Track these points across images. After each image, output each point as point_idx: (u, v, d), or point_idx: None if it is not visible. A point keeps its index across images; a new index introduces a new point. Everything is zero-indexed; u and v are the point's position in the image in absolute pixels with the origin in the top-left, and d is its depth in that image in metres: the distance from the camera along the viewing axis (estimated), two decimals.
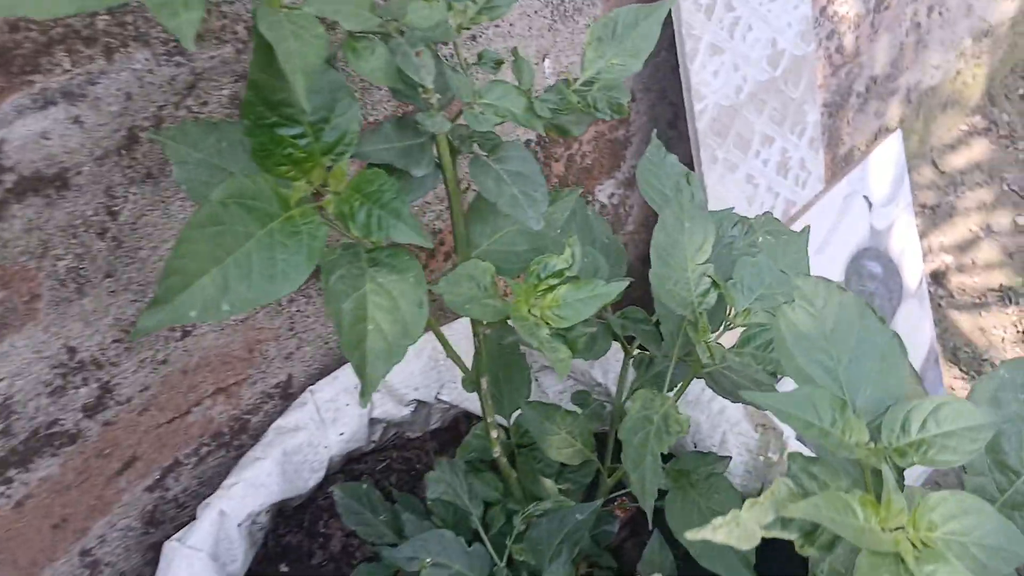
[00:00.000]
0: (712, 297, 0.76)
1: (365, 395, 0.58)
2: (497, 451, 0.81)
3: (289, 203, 0.61)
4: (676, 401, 0.77)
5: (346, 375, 1.02)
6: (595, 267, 0.87)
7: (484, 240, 0.73)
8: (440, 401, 1.05)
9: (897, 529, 0.51)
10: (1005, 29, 2.36)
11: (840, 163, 1.91)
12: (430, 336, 1.04)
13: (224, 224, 0.58)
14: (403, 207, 0.58)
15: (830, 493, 0.49)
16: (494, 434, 0.80)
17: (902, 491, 0.53)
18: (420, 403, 1.05)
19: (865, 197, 1.47)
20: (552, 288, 0.68)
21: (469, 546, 0.77)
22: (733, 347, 0.77)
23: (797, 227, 1.38)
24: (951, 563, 0.49)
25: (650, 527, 0.71)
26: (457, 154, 0.69)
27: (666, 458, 0.83)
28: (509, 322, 0.67)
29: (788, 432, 0.92)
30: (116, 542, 0.96)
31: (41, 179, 0.72)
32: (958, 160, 2.35)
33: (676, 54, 1.18)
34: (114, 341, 0.84)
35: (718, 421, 0.94)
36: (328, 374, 1.03)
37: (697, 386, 0.97)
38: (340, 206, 0.60)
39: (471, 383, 0.78)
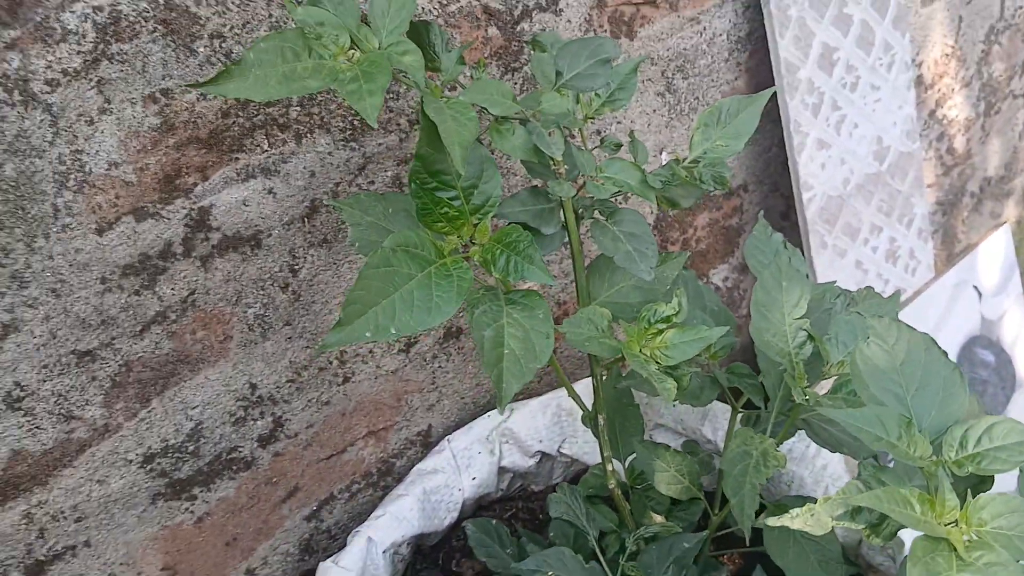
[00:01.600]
0: (808, 349, 0.85)
1: (501, 404, 0.70)
2: (612, 483, 0.91)
3: (443, 253, 0.75)
4: (777, 445, 0.86)
5: (480, 426, 1.14)
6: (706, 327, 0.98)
7: (602, 293, 0.85)
8: (562, 454, 1.16)
9: (950, 524, 0.59)
10: None
11: (954, 260, 1.96)
12: (555, 394, 1.16)
13: (393, 267, 0.72)
14: (536, 254, 0.71)
15: (891, 488, 0.58)
16: (610, 467, 0.90)
17: (959, 496, 0.61)
18: (544, 455, 1.16)
19: (975, 287, 1.52)
20: (660, 332, 0.79)
21: (586, 563, 0.87)
22: (826, 394, 0.86)
23: (907, 313, 1.45)
24: (997, 551, 0.57)
25: (747, 543, 0.80)
26: (580, 219, 0.82)
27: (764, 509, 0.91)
28: (622, 371, 0.79)
29: None
30: (276, 565, 1.09)
31: (240, 239, 0.89)
32: None
33: (786, 149, 1.29)
34: (288, 381, 0.99)
35: (821, 476, 1.02)
36: (463, 427, 1.16)
37: (801, 444, 1.05)
38: (484, 254, 0.74)
39: (590, 419, 0.89)
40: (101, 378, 0.86)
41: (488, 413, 1.17)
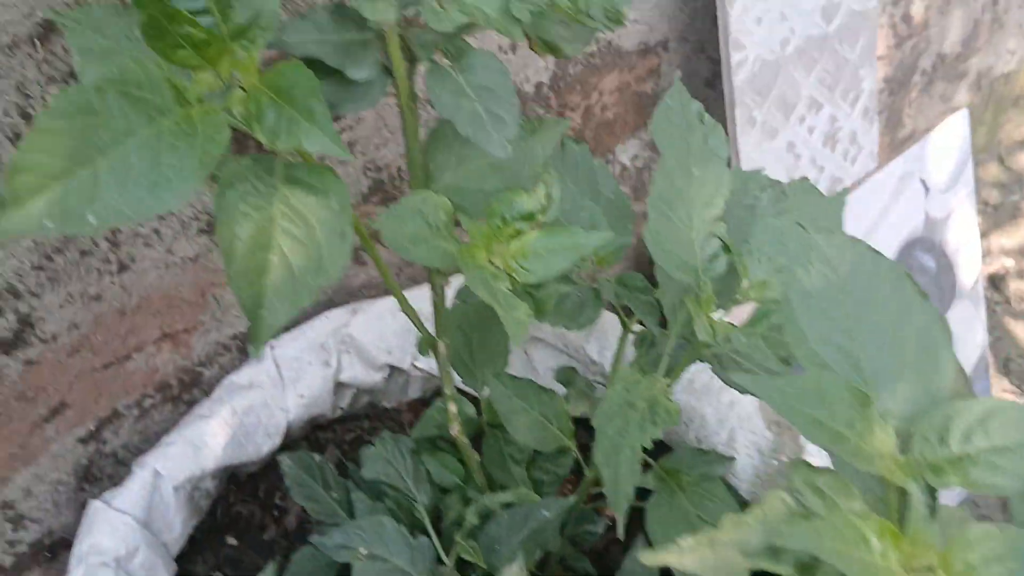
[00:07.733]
0: (721, 263, 0.63)
1: (255, 343, 0.46)
2: (455, 429, 0.68)
3: (187, 98, 0.49)
4: (670, 385, 0.64)
5: (314, 330, 0.91)
6: (592, 224, 0.74)
7: (446, 174, 0.60)
8: (417, 368, 0.93)
9: (923, 570, 0.38)
10: None
11: (898, 147, 1.75)
12: (410, 293, 0.92)
13: (98, 115, 0.46)
14: (318, 107, 0.46)
15: (838, 517, 0.36)
16: (452, 408, 0.67)
17: (934, 517, 0.40)
18: (395, 369, 0.93)
19: (922, 180, 1.32)
20: (519, 234, 0.55)
21: (414, 537, 0.65)
22: (743, 326, 0.64)
23: None
24: None
25: (620, 535, 0.58)
26: (415, 62, 0.57)
27: (658, 450, 0.71)
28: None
29: None
30: (44, 496, 0.85)
31: None
32: None
33: None
34: (34, 268, 0.73)
35: (727, 415, 0.81)
36: (293, 330, 0.92)
37: (707, 374, 0.84)
38: (247, 104, 0.48)
39: (427, 345, 0.66)
40: None
41: (326, 313, 0.93)
